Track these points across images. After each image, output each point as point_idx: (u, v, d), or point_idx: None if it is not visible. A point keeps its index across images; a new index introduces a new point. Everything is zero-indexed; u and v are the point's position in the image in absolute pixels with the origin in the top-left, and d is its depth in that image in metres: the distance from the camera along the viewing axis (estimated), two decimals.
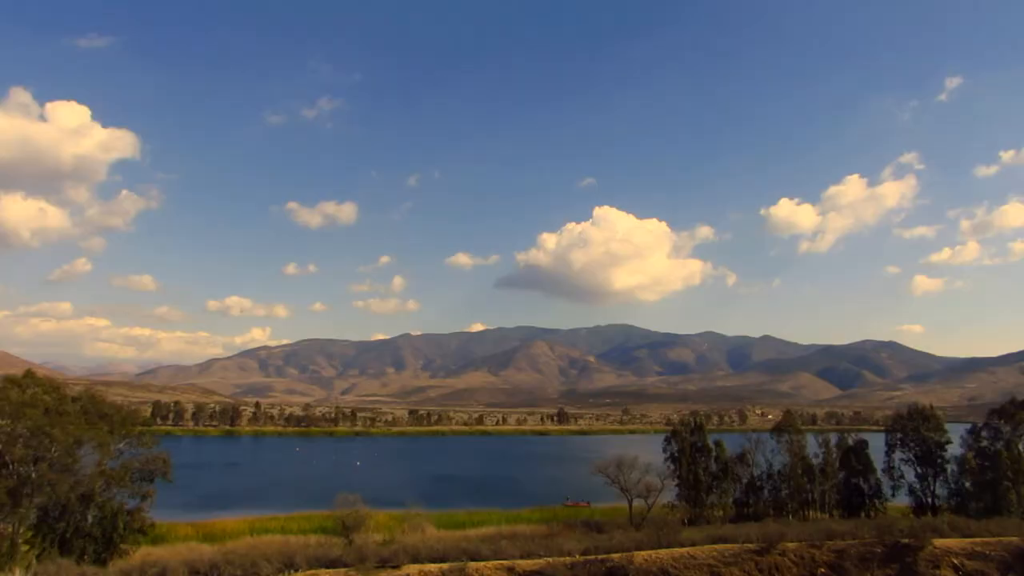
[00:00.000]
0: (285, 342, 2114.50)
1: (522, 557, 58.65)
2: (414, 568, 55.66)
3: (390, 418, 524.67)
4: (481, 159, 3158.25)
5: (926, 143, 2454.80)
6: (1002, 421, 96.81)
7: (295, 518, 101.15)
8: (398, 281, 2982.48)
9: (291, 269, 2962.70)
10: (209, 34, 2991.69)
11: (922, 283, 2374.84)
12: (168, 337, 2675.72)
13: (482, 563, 56.99)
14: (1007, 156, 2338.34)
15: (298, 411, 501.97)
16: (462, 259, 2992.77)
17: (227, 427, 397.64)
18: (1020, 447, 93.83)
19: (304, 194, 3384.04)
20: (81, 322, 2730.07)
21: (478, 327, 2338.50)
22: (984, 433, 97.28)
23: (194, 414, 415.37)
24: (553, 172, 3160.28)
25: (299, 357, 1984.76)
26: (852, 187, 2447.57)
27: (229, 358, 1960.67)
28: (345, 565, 55.69)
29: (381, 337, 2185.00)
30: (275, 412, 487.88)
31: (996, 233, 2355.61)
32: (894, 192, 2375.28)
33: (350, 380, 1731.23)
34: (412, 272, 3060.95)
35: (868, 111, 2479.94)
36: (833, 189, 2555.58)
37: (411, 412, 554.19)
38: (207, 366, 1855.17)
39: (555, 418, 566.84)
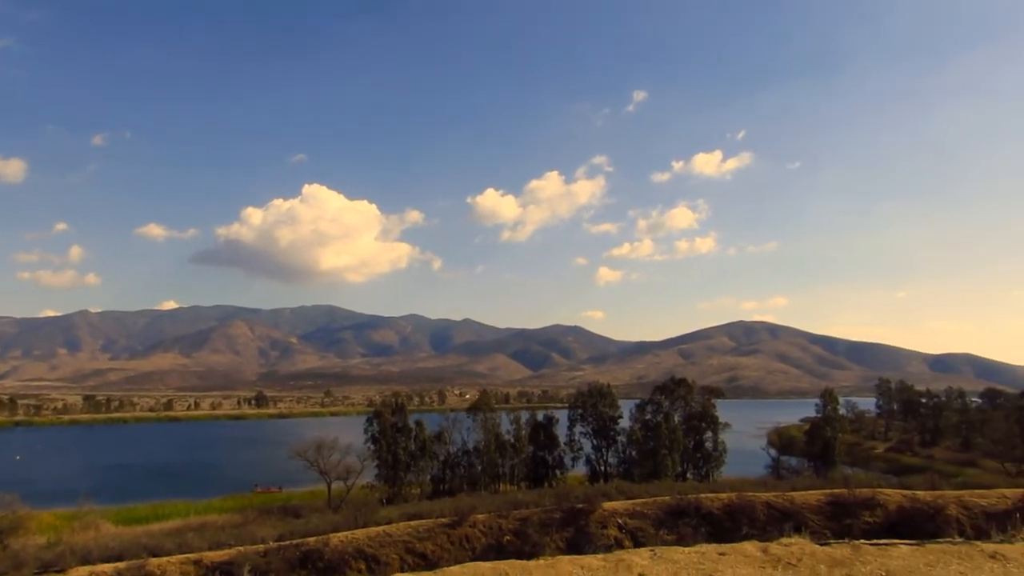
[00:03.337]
0: None
1: (211, 548, 54.86)
2: (84, 570, 49.51)
3: (60, 405, 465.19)
4: (181, 122, 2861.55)
5: (614, 148, 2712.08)
6: (663, 397, 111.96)
7: None
8: (76, 251, 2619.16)
9: None
10: None
11: (605, 274, 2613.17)
12: None
13: (165, 558, 52.17)
14: (677, 166, 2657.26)
15: None
16: (154, 230, 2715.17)
17: None
18: (676, 419, 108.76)
19: None
20: None
21: (170, 305, 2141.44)
22: (648, 408, 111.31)
23: None
24: (262, 143, 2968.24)
25: None
26: (551, 183, 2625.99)
27: None
28: None
29: (52, 314, 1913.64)
30: None
31: (666, 233, 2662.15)
32: (586, 190, 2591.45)
33: (10, 363, 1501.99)
34: (94, 242, 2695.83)
35: (568, 114, 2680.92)
36: (534, 183, 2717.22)
37: (86, 398, 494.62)
38: None
39: (253, 401, 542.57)
